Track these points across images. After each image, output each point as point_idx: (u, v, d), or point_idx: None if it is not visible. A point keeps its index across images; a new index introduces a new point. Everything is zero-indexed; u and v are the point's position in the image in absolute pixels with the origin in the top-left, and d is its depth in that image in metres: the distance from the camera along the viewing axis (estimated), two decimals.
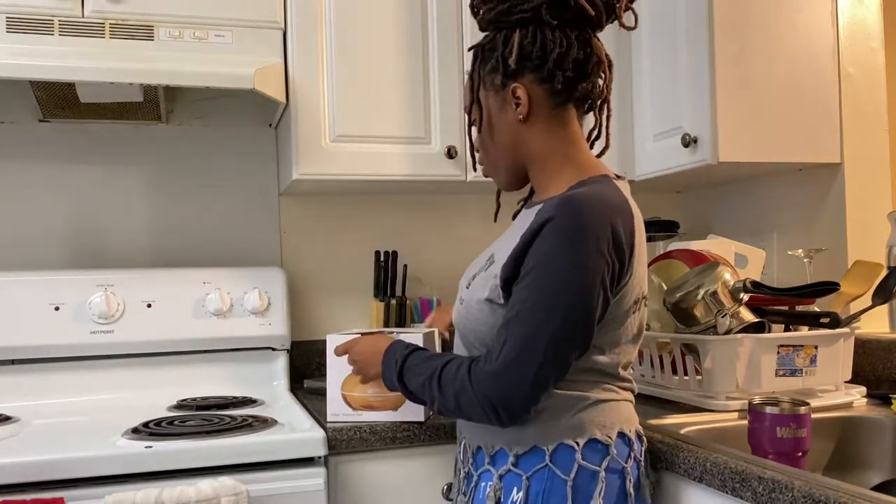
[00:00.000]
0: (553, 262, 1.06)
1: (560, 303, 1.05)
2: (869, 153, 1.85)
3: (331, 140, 1.82)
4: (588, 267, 1.06)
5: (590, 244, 1.06)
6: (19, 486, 1.26)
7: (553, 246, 1.07)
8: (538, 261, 1.08)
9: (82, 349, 1.80)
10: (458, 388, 1.10)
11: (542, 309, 1.06)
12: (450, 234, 2.24)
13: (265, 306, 1.91)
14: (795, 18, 1.80)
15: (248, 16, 1.77)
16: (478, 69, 1.23)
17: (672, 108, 1.86)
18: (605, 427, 1.14)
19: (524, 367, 1.06)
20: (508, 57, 1.17)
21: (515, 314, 1.08)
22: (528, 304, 1.07)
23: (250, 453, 1.36)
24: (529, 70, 1.17)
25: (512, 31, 1.18)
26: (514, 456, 1.14)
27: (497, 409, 1.07)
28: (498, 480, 1.15)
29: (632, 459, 1.16)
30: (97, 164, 2.00)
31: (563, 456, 1.12)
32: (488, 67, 1.21)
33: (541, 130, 1.20)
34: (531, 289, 1.08)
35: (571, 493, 1.10)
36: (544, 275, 1.07)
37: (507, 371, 1.06)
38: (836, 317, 1.51)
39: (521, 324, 1.07)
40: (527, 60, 1.17)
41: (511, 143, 1.21)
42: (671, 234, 2.10)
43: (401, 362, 1.20)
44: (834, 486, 0.96)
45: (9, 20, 1.63)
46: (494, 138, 1.23)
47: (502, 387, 1.07)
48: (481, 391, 1.08)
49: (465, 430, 1.25)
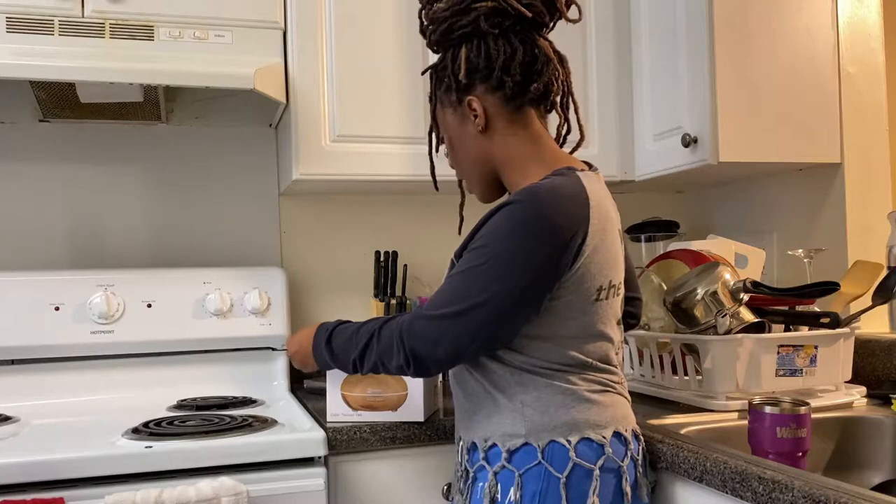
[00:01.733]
0: (497, 239, 1.10)
1: (493, 274, 1.09)
2: (869, 153, 1.85)
3: (331, 140, 1.82)
4: (529, 249, 1.09)
5: (535, 228, 1.09)
6: (19, 486, 1.25)
7: (500, 224, 1.11)
8: (484, 234, 1.12)
9: (82, 349, 1.80)
10: (382, 323, 1.15)
11: (477, 276, 1.10)
12: (450, 234, 2.24)
13: (265, 306, 1.91)
14: (795, 18, 1.80)
15: (248, 16, 1.77)
16: (434, 91, 1.28)
17: (672, 108, 1.86)
18: (599, 427, 1.14)
19: (445, 321, 1.10)
20: (458, 72, 1.20)
21: (453, 274, 1.13)
22: (465, 268, 1.11)
23: (250, 453, 1.36)
24: (479, 81, 1.21)
25: (458, 48, 1.21)
26: (507, 452, 1.14)
27: (406, 350, 1.11)
28: (493, 478, 1.15)
29: (628, 458, 1.16)
30: (97, 164, 2.00)
31: (556, 454, 1.12)
32: (443, 87, 1.25)
33: (502, 136, 1.22)
34: (471, 256, 1.12)
35: (565, 491, 1.10)
36: (486, 248, 1.11)
37: (430, 319, 1.10)
38: (836, 317, 1.51)
39: (455, 281, 1.11)
40: (475, 73, 1.20)
41: (478, 155, 1.25)
42: (671, 234, 2.10)
43: (331, 328, 1.25)
44: (834, 486, 0.96)
45: (9, 20, 1.63)
46: (462, 154, 1.27)
47: (418, 330, 1.11)
48: (400, 328, 1.12)
49: (460, 427, 1.26)
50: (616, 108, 1.99)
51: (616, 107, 1.99)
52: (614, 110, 1.99)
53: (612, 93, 1.99)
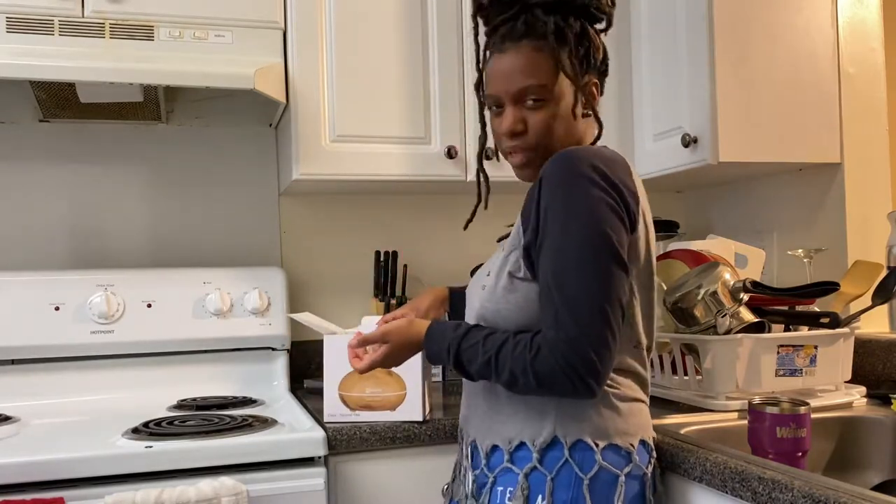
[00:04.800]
0: (563, 219, 1.07)
1: (587, 254, 1.06)
2: (869, 153, 1.85)
3: (331, 140, 1.82)
4: (595, 206, 1.07)
5: (588, 185, 1.08)
6: (19, 486, 1.26)
7: (558, 202, 1.08)
8: (549, 222, 1.09)
9: (82, 349, 1.80)
10: (532, 358, 1.07)
11: (574, 266, 1.06)
12: (450, 234, 2.24)
13: (265, 306, 1.91)
14: (795, 18, 1.80)
15: (248, 16, 1.77)
16: (568, 54, 1.18)
17: (672, 108, 1.86)
18: (628, 435, 1.13)
19: (586, 326, 1.04)
20: (596, 52, 1.20)
21: (553, 280, 1.07)
22: (559, 267, 1.07)
23: (250, 453, 1.36)
24: (594, 66, 1.21)
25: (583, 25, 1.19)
26: (539, 452, 1.12)
27: (580, 375, 1.05)
28: (524, 479, 1.12)
29: (651, 465, 1.16)
30: (97, 164, 2.00)
31: (582, 454, 1.11)
32: (577, 54, 1.19)
33: (583, 123, 1.22)
34: (555, 252, 1.07)
35: (590, 493, 1.09)
36: (561, 233, 1.07)
37: (573, 335, 1.04)
38: (836, 317, 1.51)
39: (564, 287, 1.06)
40: (593, 58, 1.21)
41: (564, 132, 1.19)
42: (671, 234, 2.10)
43: (455, 347, 1.15)
44: (834, 486, 0.96)
45: (9, 20, 1.63)
46: (559, 125, 1.19)
47: (576, 350, 1.04)
48: (562, 358, 1.05)
49: (475, 429, 1.22)
50: (616, 108, 1.99)
51: (616, 106, 1.99)
52: (614, 110, 1.99)
53: (612, 92, 1.99)
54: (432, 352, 1.18)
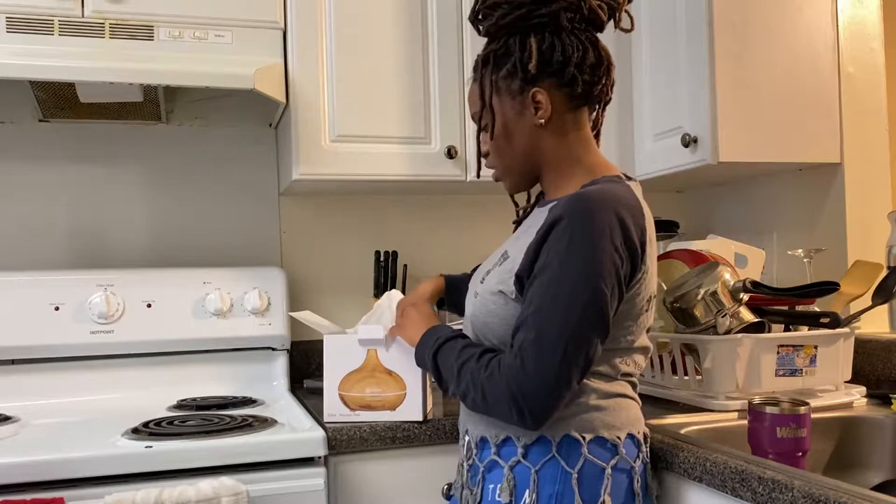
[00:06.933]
0: (567, 260, 1.07)
1: (576, 300, 1.05)
2: (869, 153, 1.85)
3: (331, 140, 1.82)
4: (601, 262, 1.06)
5: (602, 240, 1.06)
6: (19, 486, 1.26)
7: (566, 244, 1.07)
8: (551, 258, 1.08)
9: (82, 349, 1.80)
10: (486, 377, 1.10)
11: (559, 306, 1.06)
12: (450, 234, 2.24)
13: (265, 306, 1.91)
14: (795, 18, 1.80)
15: (247, 16, 1.77)
16: (490, 75, 1.21)
17: (672, 108, 1.86)
18: (614, 428, 1.14)
19: (546, 363, 1.05)
20: (527, 62, 1.16)
21: (533, 312, 1.07)
22: (545, 302, 1.07)
23: (250, 453, 1.36)
24: (549, 75, 1.18)
25: (526, 36, 1.18)
26: (523, 447, 1.13)
27: (521, 407, 1.06)
28: (509, 472, 1.13)
29: (640, 460, 1.16)
30: (97, 164, 2.00)
31: (568, 448, 1.12)
32: (503, 73, 1.20)
33: (557, 134, 1.20)
34: (546, 287, 1.07)
35: (578, 487, 1.10)
36: (559, 272, 1.07)
37: (530, 367, 1.05)
38: (836, 317, 1.51)
39: (540, 321, 1.06)
40: (548, 66, 1.17)
41: (528, 148, 1.21)
42: (671, 234, 2.10)
43: (442, 341, 1.21)
44: (834, 486, 0.96)
45: (9, 20, 1.63)
46: (511, 143, 1.22)
47: (526, 382, 1.05)
48: (513, 384, 1.06)
49: (468, 420, 1.24)
50: (616, 108, 1.99)
51: (616, 106, 1.99)
52: (614, 110, 1.99)
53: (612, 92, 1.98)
54: (419, 356, 1.27)
